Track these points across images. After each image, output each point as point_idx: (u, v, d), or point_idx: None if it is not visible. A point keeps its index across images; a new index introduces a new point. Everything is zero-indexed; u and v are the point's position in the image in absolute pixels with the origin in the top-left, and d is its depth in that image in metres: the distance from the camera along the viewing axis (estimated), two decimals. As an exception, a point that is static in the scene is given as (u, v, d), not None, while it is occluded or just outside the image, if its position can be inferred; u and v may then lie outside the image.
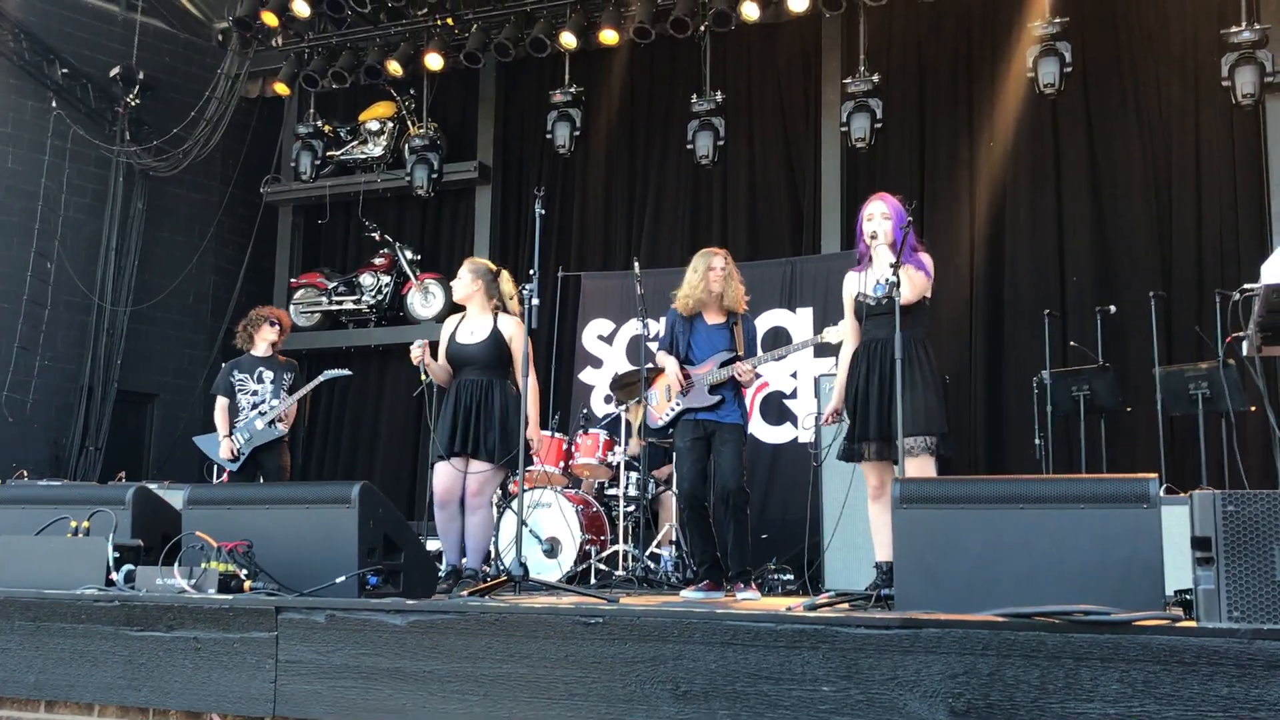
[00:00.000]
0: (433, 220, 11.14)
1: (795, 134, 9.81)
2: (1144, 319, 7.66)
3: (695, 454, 5.84)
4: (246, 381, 7.38)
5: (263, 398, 7.33)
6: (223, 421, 7.34)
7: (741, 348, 5.88)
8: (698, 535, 5.92)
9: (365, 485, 4.10)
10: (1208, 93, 8.37)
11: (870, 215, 5.12)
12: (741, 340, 5.89)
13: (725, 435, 5.81)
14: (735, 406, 5.86)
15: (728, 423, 5.82)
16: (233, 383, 7.40)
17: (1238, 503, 2.83)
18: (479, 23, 9.97)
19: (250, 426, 7.28)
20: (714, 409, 5.82)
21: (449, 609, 3.42)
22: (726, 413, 5.83)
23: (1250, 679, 2.61)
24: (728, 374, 5.79)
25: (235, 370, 7.45)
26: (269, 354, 7.50)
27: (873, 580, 5.06)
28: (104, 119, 10.59)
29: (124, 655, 3.71)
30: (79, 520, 4.25)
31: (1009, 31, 8.89)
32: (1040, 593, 3.13)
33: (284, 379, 7.41)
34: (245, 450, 7.28)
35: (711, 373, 5.83)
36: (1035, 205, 8.89)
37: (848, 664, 2.91)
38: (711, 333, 5.95)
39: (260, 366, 7.42)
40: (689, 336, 5.96)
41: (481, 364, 5.77)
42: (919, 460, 4.85)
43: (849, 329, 5.24)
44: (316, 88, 10.59)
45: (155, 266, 10.75)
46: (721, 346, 5.89)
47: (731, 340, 5.88)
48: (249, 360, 7.50)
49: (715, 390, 5.82)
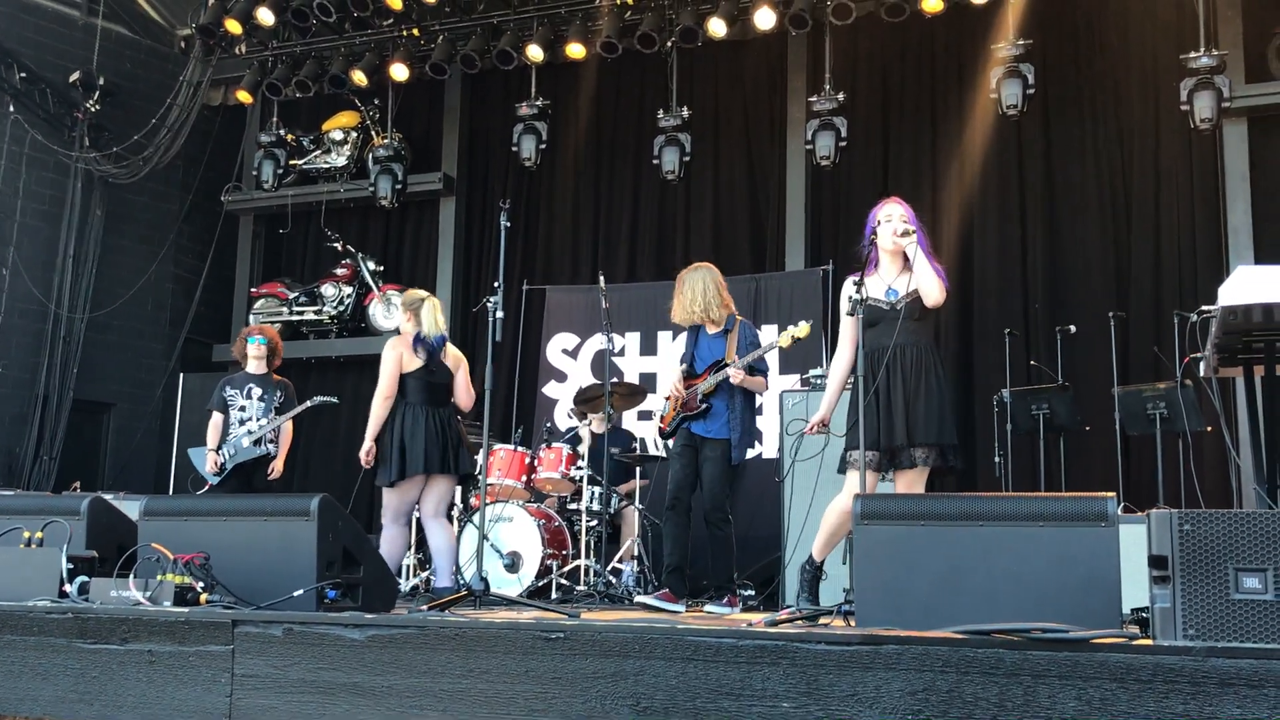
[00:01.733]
0: (396, 231, 11.09)
1: (760, 151, 9.87)
2: (1103, 339, 7.75)
3: (684, 459, 6.00)
4: (236, 398, 7.37)
5: (250, 415, 7.31)
6: (212, 436, 7.33)
7: (733, 353, 6.00)
8: (671, 538, 6.05)
9: (324, 498, 4.07)
10: (1167, 117, 8.50)
11: (890, 216, 4.94)
12: (734, 345, 6.03)
13: (708, 451, 5.96)
14: (725, 418, 5.94)
15: (712, 437, 5.95)
16: (225, 398, 7.38)
17: (1194, 522, 2.86)
18: (445, 34, 9.95)
19: (237, 443, 7.26)
20: (702, 418, 5.97)
21: (408, 623, 3.39)
22: (713, 425, 5.95)
23: (1204, 696, 2.64)
24: (716, 380, 5.93)
25: (228, 386, 7.45)
26: (262, 371, 7.47)
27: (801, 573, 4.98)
28: (63, 124, 10.47)
29: (77, 668, 3.66)
30: (32, 531, 4.19)
31: (973, 53, 8.98)
32: (999, 610, 3.15)
33: (274, 398, 7.37)
34: (229, 465, 7.25)
35: (706, 382, 6.00)
36: (997, 224, 8.99)
37: (808, 680, 2.92)
38: (711, 342, 6.13)
39: (251, 383, 7.40)
40: (694, 349, 6.19)
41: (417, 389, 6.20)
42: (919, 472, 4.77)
43: (847, 337, 5.01)
44: (280, 96, 10.52)
45: (113, 274, 10.63)
46: (717, 354, 6.06)
47: (725, 347, 6.05)
48: (241, 377, 7.49)
49: (705, 399, 5.96)
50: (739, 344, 6.04)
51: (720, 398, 5.97)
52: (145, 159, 10.37)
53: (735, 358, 5.97)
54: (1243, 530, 2.83)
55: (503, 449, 7.62)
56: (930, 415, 4.73)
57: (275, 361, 7.56)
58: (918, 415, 4.74)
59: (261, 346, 7.47)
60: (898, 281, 4.94)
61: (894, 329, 4.73)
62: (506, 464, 7.56)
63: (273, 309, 10.86)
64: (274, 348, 7.55)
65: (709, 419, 5.98)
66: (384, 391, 6.12)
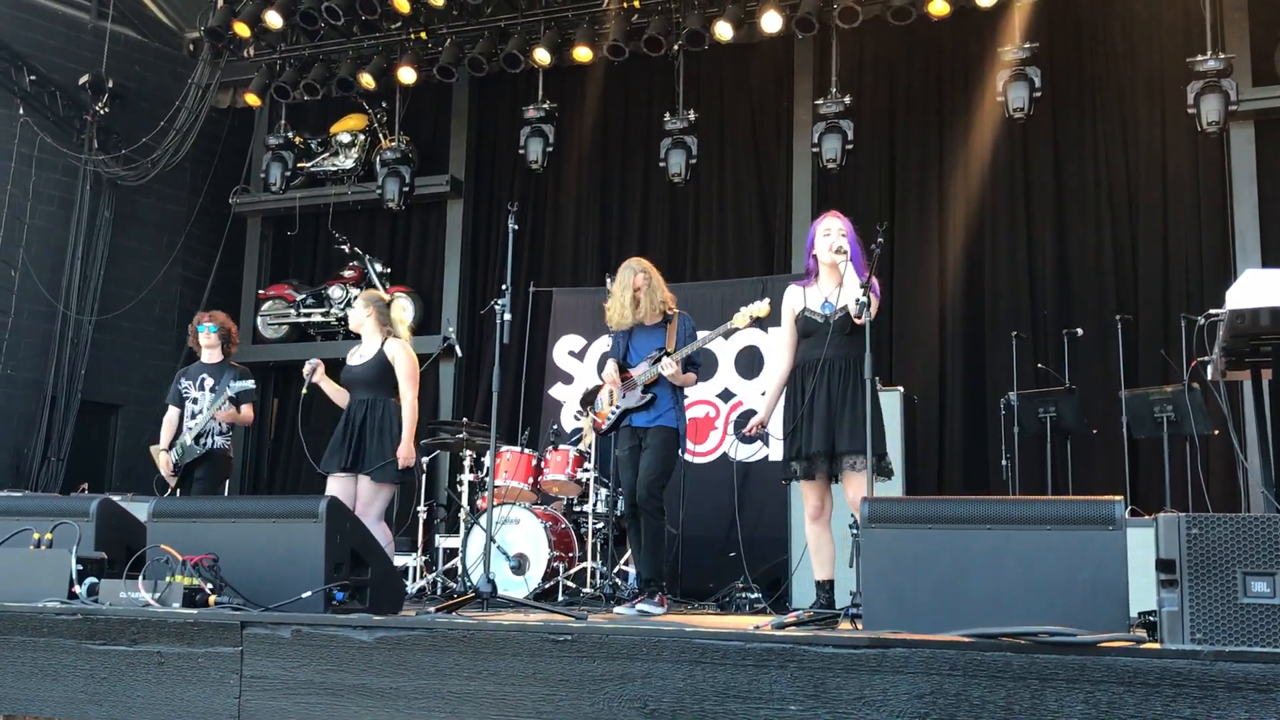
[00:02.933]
0: (403, 234, 11.11)
1: (767, 154, 9.87)
2: (1110, 342, 7.75)
3: (634, 463, 5.82)
4: (190, 389, 6.92)
5: (201, 407, 6.82)
6: (165, 432, 6.90)
7: (673, 344, 5.85)
8: (634, 545, 5.97)
9: (332, 499, 4.08)
10: (1174, 120, 8.50)
11: (829, 230, 5.10)
12: (674, 337, 5.87)
13: (650, 439, 5.79)
14: (670, 408, 5.82)
15: (656, 426, 5.80)
16: (179, 391, 6.94)
17: (1202, 526, 2.86)
18: (453, 37, 9.98)
19: (183, 441, 6.80)
20: (647, 409, 5.82)
21: (416, 625, 3.40)
22: (658, 414, 5.81)
23: (1212, 700, 2.64)
24: (656, 373, 5.80)
25: (182, 378, 7.03)
26: (217, 360, 7.00)
27: (815, 600, 5.08)
28: (72, 127, 10.51)
29: (86, 669, 3.67)
30: (41, 532, 4.19)
31: (980, 56, 8.99)
32: (1006, 613, 3.15)
33: (225, 387, 6.78)
34: (181, 464, 6.80)
35: (645, 372, 5.85)
36: (1004, 228, 8.99)
37: (815, 683, 2.92)
38: (649, 334, 5.98)
39: (204, 374, 6.94)
40: (629, 341, 6.02)
41: (365, 384, 6.27)
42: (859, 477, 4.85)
43: (786, 344, 5.23)
44: (288, 99, 10.55)
45: (122, 276, 10.66)
46: (656, 346, 5.91)
47: (664, 338, 5.90)
48: (196, 367, 7.04)
49: (648, 389, 5.81)
50: (678, 336, 5.88)
51: (663, 387, 5.82)
52: (154, 161, 10.40)
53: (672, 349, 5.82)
54: (1250, 534, 2.83)
55: (509, 451, 7.63)
56: (855, 425, 4.85)
57: (231, 348, 7.13)
58: (844, 425, 4.87)
59: (212, 334, 7.02)
60: (834, 295, 5.08)
61: (832, 341, 4.94)
62: (513, 466, 7.57)
63: (280, 311, 10.89)
64: (227, 334, 7.10)
65: (652, 410, 5.82)
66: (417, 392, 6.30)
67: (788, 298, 5.24)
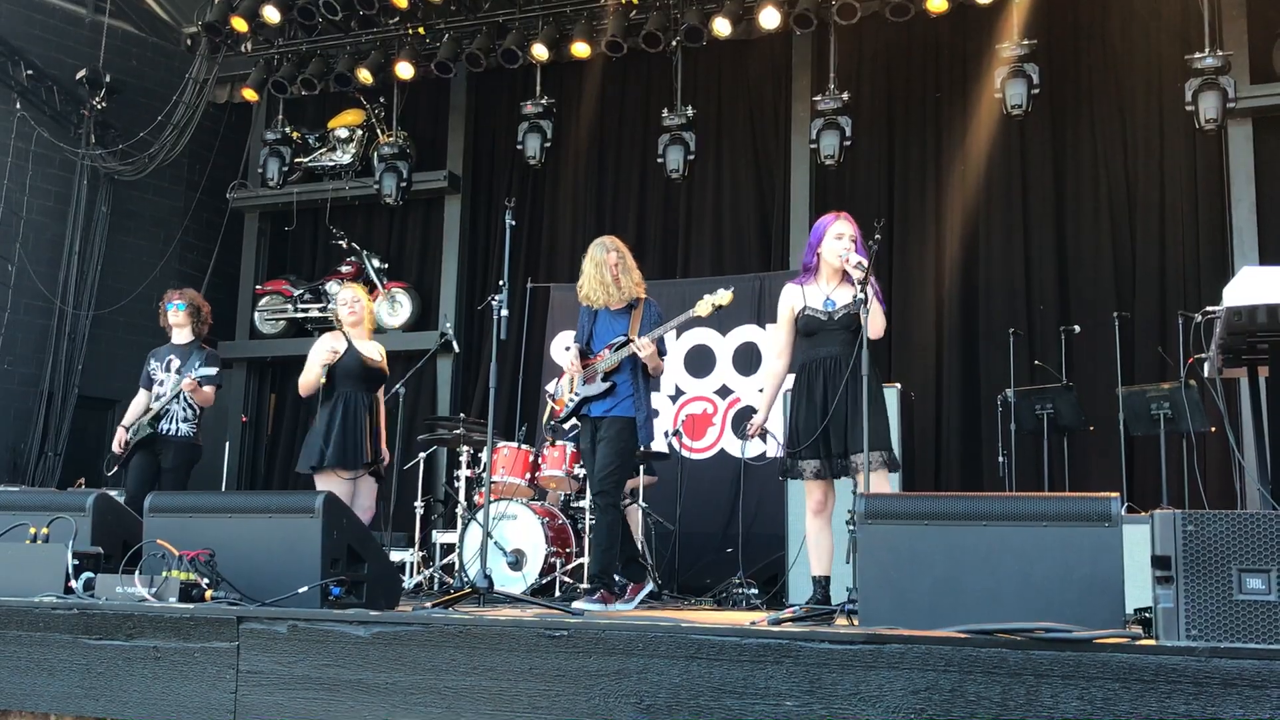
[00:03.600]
0: (401, 229, 11.10)
1: (765, 150, 9.87)
2: (1107, 339, 7.75)
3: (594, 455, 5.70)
4: (158, 371, 6.75)
5: (166, 389, 6.67)
6: (130, 412, 6.74)
7: (636, 331, 5.68)
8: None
9: (329, 495, 4.08)
10: (1172, 117, 8.50)
11: (841, 235, 5.09)
12: (638, 323, 5.71)
13: (607, 429, 5.62)
14: (629, 396, 5.64)
15: (615, 415, 5.63)
16: (149, 373, 6.77)
17: (1198, 522, 2.86)
18: (450, 33, 9.97)
19: (142, 420, 6.63)
20: (606, 396, 5.65)
21: (413, 620, 3.40)
22: (617, 403, 5.64)
23: (1207, 697, 2.64)
24: (619, 358, 5.62)
25: (151, 359, 6.84)
26: (186, 340, 6.81)
27: (812, 594, 5.09)
28: (69, 122, 10.49)
29: (82, 664, 3.67)
30: (38, 526, 4.20)
31: (978, 52, 8.98)
32: (1003, 609, 3.16)
33: (191, 369, 6.60)
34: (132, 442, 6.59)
35: (606, 359, 5.69)
36: (1002, 224, 8.99)
37: (811, 679, 2.92)
38: (612, 320, 5.82)
39: (171, 354, 6.76)
40: (592, 326, 5.86)
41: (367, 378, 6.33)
42: (880, 475, 4.88)
43: (783, 344, 5.21)
44: (285, 94, 10.53)
45: (118, 271, 10.65)
46: (621, 331, 5.75)
47: (629, 324, 5.73)
48: (165, 348, 6.87)
49: (608, 376, 5.65)
50: (643, 321, 5.71)
51: (623, 375, 5.65)
52: (151, 156, 10.38)
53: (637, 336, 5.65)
54: (1246, 531, 2.83)
55: (506, 447, 7.63)
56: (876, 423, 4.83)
57: (203, 328, 6.91)
58: (854, 424, 4.85)
59: (180, 312, 6.83)
60: (836, 293, 5.07)
61: (835, 340, 4.94)
62: (510, 462, 7.57)
63: (278, 306, 10.88)
64: (197, 311, 6.87)
65: (611, 398, 5.65)
66: None
67: (786, 296, 5.21)
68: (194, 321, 6.87)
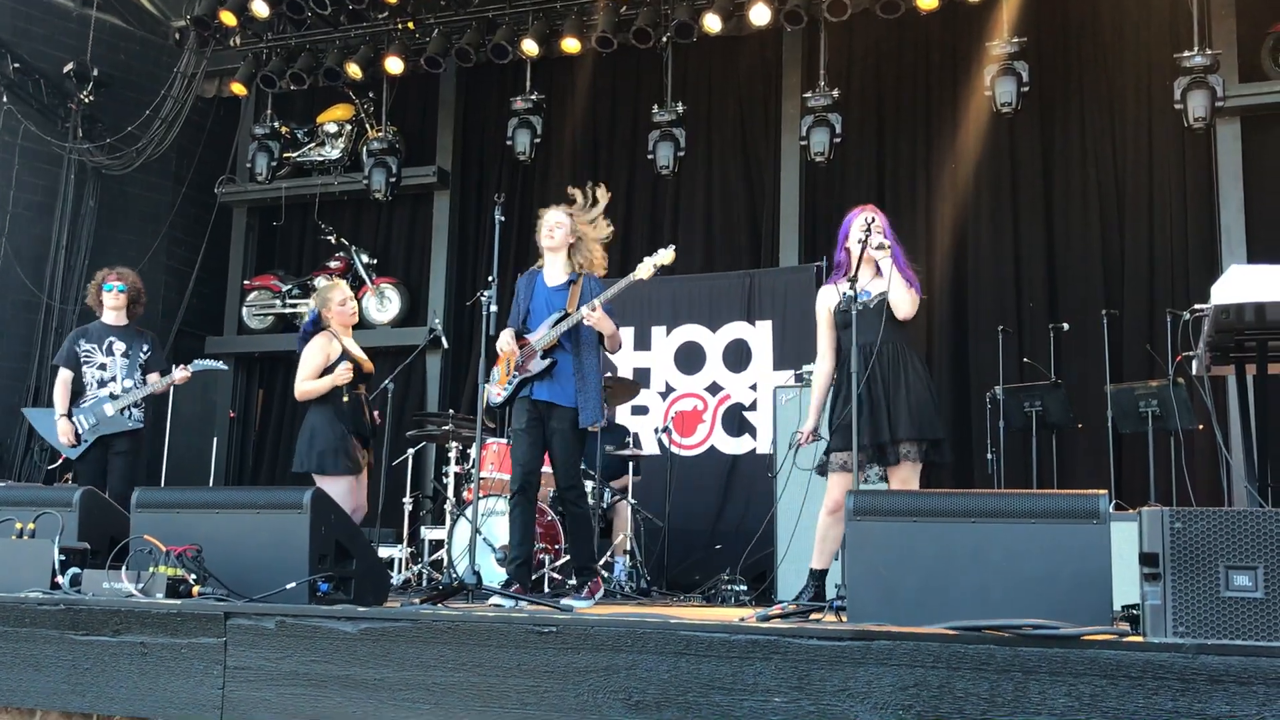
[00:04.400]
0: (389, 224, 11.08)
1: (755, 146, 9.87)
2: (1096, 337, 7.77)
3: (530, 437, 5.40)
4: (94, 353, 6.39)
5: (112, 374, 6.38)
6: (60, 397, 6.34)
7: (574, 307, 5.39)
8: (518, 529, 5.39)
9: (317, 490, 4.07)
10: (1161, 116, 8.53)
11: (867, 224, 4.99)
12: (575, 300, 5.41)
13: (556, 421, 5.36)
14: (570, 378, 5.36)
15: (561, 405, 5.35)
16: (77, 353, 6.40)
17: (1185, 520, 2.87)
18: (440, 27, 9.94)
19: (98, 410, 6.32)
20: (546, 378, 5.35)
21: (401, 616, 3.39)
22: (559, 389, 5.35)
23: (1194, 693, 2.65)
24: (557, 333, 5.34)
25: (81, 339, 6.45)
26: (123, 323, 6.52)
27: (805, 586, 5.04)
28: (56, 115, 10.44)
29: (69, 660, 3.65)
30: (24, 522, 4.18)
31: (968, 50, 9.00)
32: (991, 606, 3.16)
33: (139, 353, 6.40)
34: (89, 438, 6.31)
35: (545, 335, 5.39)
36: (991, 222, 9.00)
37: (799, 675, 2.92)
38: (551, 295, 5.50)
39: (111, 336, 6.44)
40: (528, 303, 5.51)
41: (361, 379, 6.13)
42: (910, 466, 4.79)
43: (826, 345, 5.11)
44: (274, 88, 10.49)
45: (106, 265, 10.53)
46: (559, 307, 5.44)
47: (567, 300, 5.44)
48: (98, 328, 6.50)
49: (548, 354, 5.36)
50: (583, 296, 5.41)
51: (564, 353, 5.36)
52: (139, 150, 10.34)
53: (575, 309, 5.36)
54: (1233, 528, 2.84)
55: (495, 443, 7.62)
56: (911, 410, 4.77)
57: (137, 310, 6.67)
58: (899, 412, 4.78)
59: (121, 295, 6.54)
60: (870, 285, 5.01)
61: (865, 328, 4.80)
62: (499, 458, 7.55)
63: (266, 301, 10.85)
64: (137, 295, 6.64)
65: (553, 380, 5.35)
66: None
67: (822, 297, 5.13)
68: (132, 304, 6.60)
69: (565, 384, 5.36)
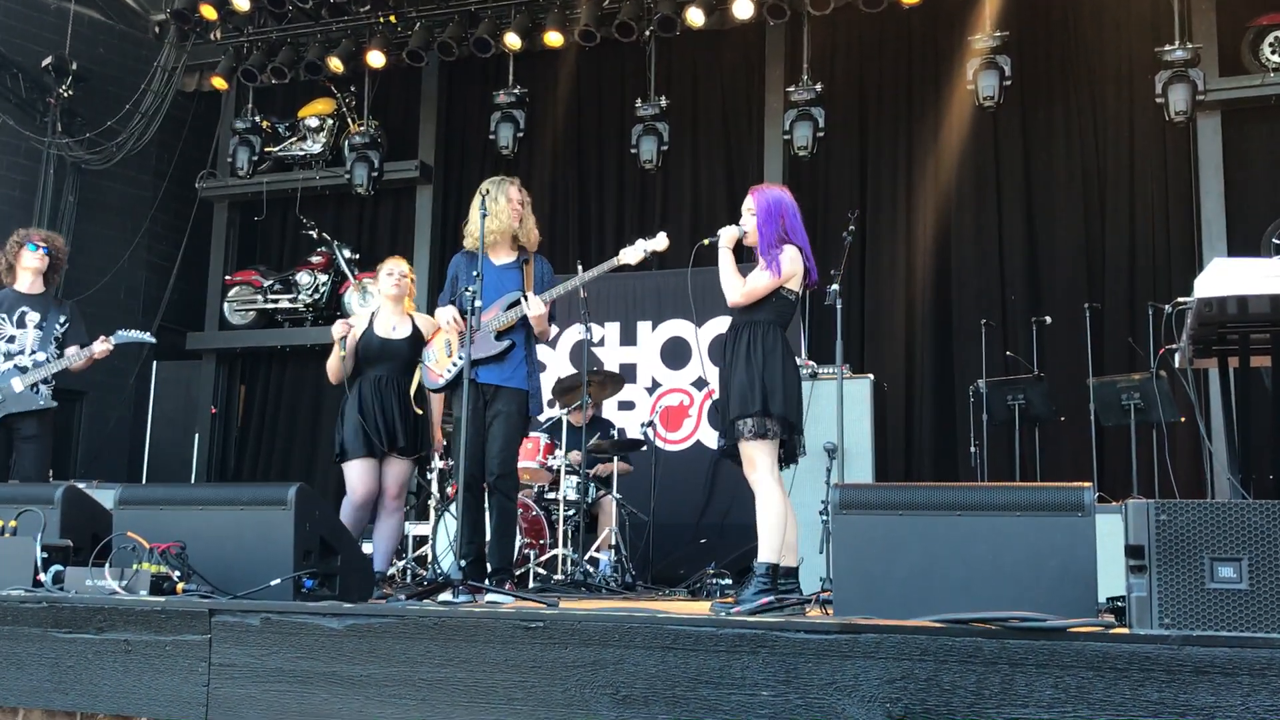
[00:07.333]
0: (372, 219, 11.03)
1: (739, 141, 9.86)
2: (1078, 330, 7.81)
3: (476, 425, 5.06)
4: (2, 324, 5.94)
5: (22, 347, 5.94)
6: None
7: (531, 287, 5.18)
8: (469, 524, 5.07)
9: (301, 487, 4.05)
10: (1142, 109, 8.56)
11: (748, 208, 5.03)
12: (532, 279, 5.20)
13: (500, 405, 5.09)
14: (523, 364, 5.15)
15: (509, 387, 5.11)
16: None
17: (1170, 512, 2.89)
18: (422, 21, 9.90)
19: (4, 385, 5.87)
20: (500, 359, 5.11)
21: (387, 612, 3.38)
22: (512, 371, 5.13)
23: (1179, 684, 2.67)
24: (516, 315, 5.12)
25: None
26: (39, 290, 6.02)
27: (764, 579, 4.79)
28: (35, 110, 10.35)
29: (51, 658, 3.63)
30: (6, 519, 4.15)
31: (950, 44, 9.02)
32: (977, 599, 3.17)
33: (55, 324, 5.93)
34: None
35: (498, 317, 5.14)
36: (973, 215, 9.03)
37: (787, 669, 2.93)
38: (500, 274, 5.22)
39: (24, 306, 5.96)
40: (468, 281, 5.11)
41: (401, 360, 5.70)
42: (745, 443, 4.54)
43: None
44: (255, 83, 10.44)
45: (86, 261, 10.51)
46: (511, 288, 5.21)
47: (521, 280, 5.22)
48: (10, 296, 5.98)
49: (503, 336, 5.12)
50: (536, 279, 5.21)
51: (520, 335, 5.13)
52: (119, 145, 10.26)
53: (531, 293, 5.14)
54: (1218, 520, 2.86)
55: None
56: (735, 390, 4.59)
57: (55, 279, 6.22)
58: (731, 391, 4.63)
59: (46, 258, 6.01)
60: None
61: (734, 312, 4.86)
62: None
63: (247, 297, 10.79)
64: (57, 261, 6.13)
65: (506, 364, 5.10)
66: None
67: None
68: (53, 270, 6.11)
69: (517, 368, 5.15)
